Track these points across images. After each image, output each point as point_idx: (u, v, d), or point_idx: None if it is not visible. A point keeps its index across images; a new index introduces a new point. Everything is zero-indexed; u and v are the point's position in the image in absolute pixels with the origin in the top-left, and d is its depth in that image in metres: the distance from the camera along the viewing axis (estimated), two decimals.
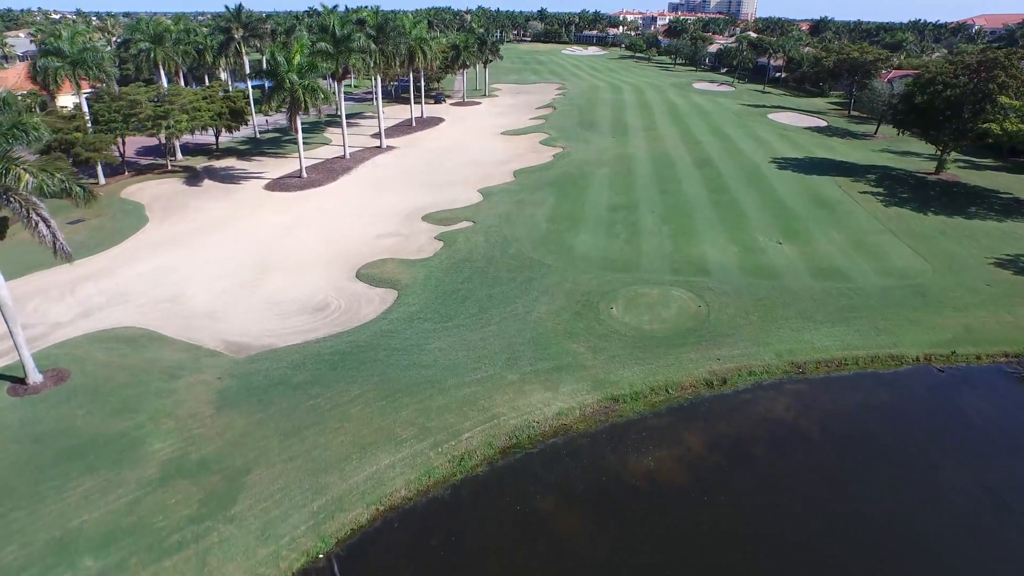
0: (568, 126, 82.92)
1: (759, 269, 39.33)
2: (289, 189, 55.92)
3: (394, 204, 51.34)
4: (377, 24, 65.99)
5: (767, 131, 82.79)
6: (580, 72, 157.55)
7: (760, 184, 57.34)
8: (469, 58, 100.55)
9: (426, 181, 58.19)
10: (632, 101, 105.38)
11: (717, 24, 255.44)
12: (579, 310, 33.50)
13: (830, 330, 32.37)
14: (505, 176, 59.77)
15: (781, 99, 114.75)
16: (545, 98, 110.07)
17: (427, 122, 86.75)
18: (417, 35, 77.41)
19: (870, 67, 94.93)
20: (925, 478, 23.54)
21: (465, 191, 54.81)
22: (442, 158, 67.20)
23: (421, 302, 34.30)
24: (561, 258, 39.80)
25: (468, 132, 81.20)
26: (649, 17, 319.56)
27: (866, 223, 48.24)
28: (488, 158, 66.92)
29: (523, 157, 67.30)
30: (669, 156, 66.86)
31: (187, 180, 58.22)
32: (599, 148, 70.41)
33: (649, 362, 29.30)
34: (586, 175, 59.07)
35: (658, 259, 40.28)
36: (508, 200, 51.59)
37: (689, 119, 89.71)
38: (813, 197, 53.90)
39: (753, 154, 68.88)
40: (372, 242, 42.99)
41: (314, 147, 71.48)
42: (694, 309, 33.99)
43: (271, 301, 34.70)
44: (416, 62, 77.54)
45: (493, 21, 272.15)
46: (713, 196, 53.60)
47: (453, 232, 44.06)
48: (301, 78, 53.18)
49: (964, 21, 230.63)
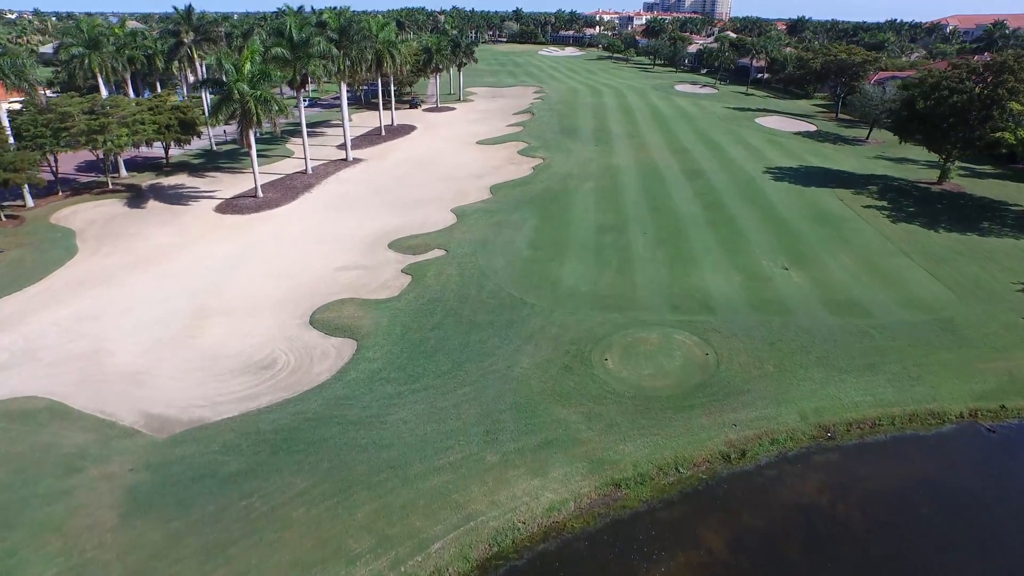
0: (548, 134, 78.27)
1: (768, 303, 34.97)
2: (242, 211, 50.43)
3: (358, 228, 46.16)
4: (340, 27, 60.66)
5: (756, 137, 79.01)
6: (558, 74, 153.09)
7: (757, 198, 53.22)
8: (442, 62, 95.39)
9: (394, 200, 53.06)
10: (613, 105, 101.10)
11: (694, 24, 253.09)
12: (568, 362, 28.78)
13: (857, 381, 28.08)
14: (481, 192, 54.87)
15: (766, 101, 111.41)
16: (523, 102, 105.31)
17: (398, 131, 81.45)
18: (385, 38, 72.18)
19: (858, 69, 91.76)
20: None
21: (437, 211, 49.80)
22: (413, 172, 62.09)
23: (384, 356, 29.27)
24: (545, 295, 35.03)
25: (441, 141, 76.11)
26: (626, 17, 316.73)
27: (876, 243, 44.31)
28: (462, 171, 61.96)
29: (500, 170, 62.45)
30: (657, 167, 62.52)
31: (129, 201, 52.38)
32: (582, 158, 65.84)
33: (654, 431, 24.69)
34: (569, 190, 54.41)
35: (655, 292, 35.72)
36: (485, 222, 46.70)
37: (674, 124, 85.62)
38: (815, 213, 49.89)
39: (745, 163, 64.88)
40: (331, 277, 37.81)
41: (274, 160, 65.90)
42: (701, 358, 29.47)
43: (208, 357, 29.41)
44: (384, 67, 72.28)
45: (468, 22, 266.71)
46: (708, 213, 49.30)
47: (423, 263, 39.05)
48: (252, 88, 47.78)
49: (938, 21, 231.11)
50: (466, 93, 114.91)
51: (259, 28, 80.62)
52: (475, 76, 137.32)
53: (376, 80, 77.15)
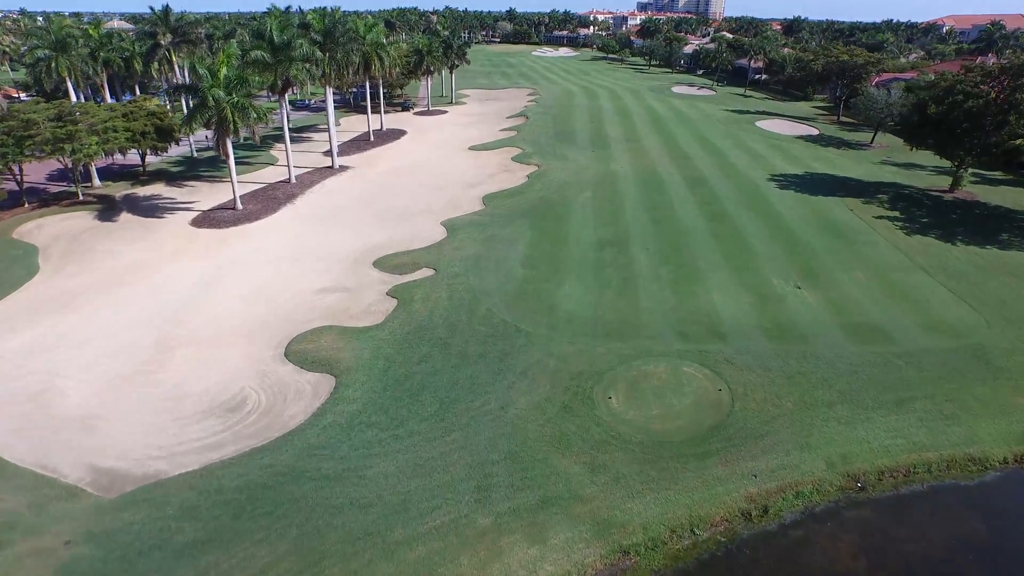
0: (542, 139, 75.55)
1: (782, 328, 32.35)
2: (220, 224, 47.50)
3: (342, 244, 43.34)
4: (325, 28, 57.75)
5: (758, 141, 76.53)
6: (552, 75, 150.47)
7: (763, 209, 50.65)
8: (433, 64, 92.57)
9: (382, 211, 50.23)
10: (610, 108, 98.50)
11: (689, 24, 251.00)
12: (568, 401, 26.07)
13: (886, 420, 25.47)
14: (473, 203, 52.10)
15: (765, 103, 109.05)
16: (516, 105, 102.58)
17: (387, 136, 78.56)
18: (373, 40, 69.29)
19: (860, 71, 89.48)
20: None
21: (427, 224, 47.02)
22: (402, 180, 59.26)
23: (364, 395, 26.47)
24: (542, 321, 32.30)
25: (432, 147, 73.29)
26: (620, 17, 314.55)
27: (891, 257, 41.78)
28: (454, 179, 59.17)
29: (493, 178, 59.70)
30: (657, 174, 59.90)
31: (100, 214, 49.37)
32: (578, 165, 63.14)
33: (665, 485, 22.01)
34: (566, 201, 51.69)
35: (660, 317, 33.04)
36: (476, 236, 43.94)
37: (673, 128, 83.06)
38: (825, 224, 47.36)
39: (748, 170, 62.35)
40: (310, 300, 34.97)
41: (257, 168, 62.94)
42: (713, 395, 26.81)
43: (171, 396, 26.55)
44: (372, 70, 69.38)
45: (461, 22, 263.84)
46: (713, 225, 46.69)
47: (410, 285, 36.23)
48: (229, 94, 44.88)
49: (934, 21, 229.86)
50: (458, 96, 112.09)
51: (242, 29, 77.58)
52: (468, 78, 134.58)
53: (364, 83, 74.23)
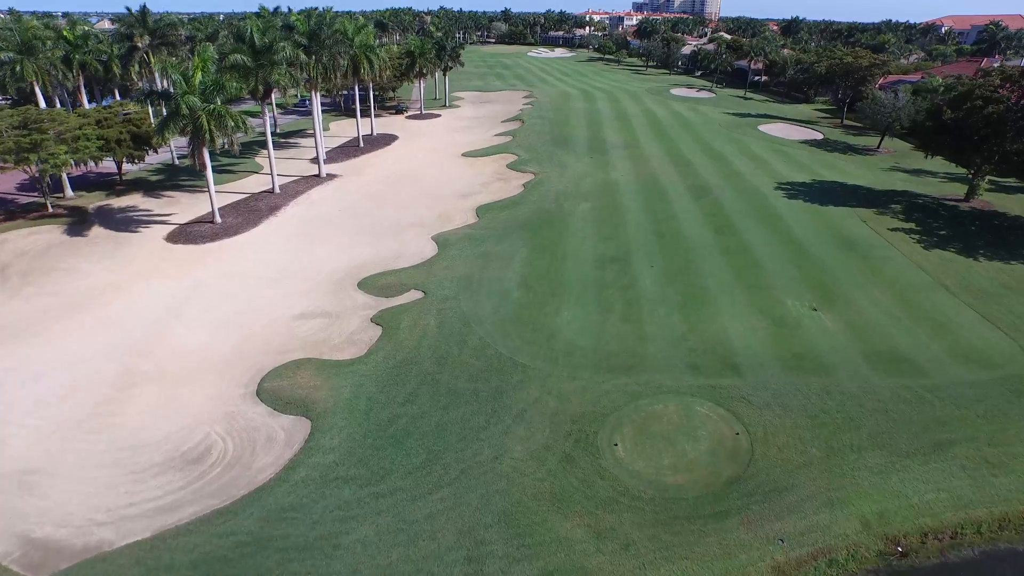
0: (539, 144, 72.84)
1: (801, 358, 29.72)
2: (196, 240, 44.63)
3: (325, 262, 40.54)
4: (310, 31, 54.89)
5: (761, 147, 74.01)
6: (548, 77, 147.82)
7: (771, 221, 48.05)
8: (425, 66, 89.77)
9: (369, 224, 47.45)
10: (608, 111, 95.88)
11: (686, 24, 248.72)
12: (570, 450, 23.36)
13: (924, 469, 22.82)
14: (466, 215, 49.37)
15: (766, 106, 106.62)
16: (512, 108, 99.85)
17: (377, 141, 75.74)
18: (362, 42, 66.47)
19: (864, 73, 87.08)
20: None
21: (416, 239, 44.26)
22: (391, 190, 56.46)
23: (343, 443, 23.71)
24: (540, 352, 29.57)
25: (424, 153, 70.50)
26: (616, 17, 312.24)
27: (910, 274, 39.22)
28: (446, 189, 56.41)
29: (488, 187, 56.96)
30: (659, 183, 57.25)
31: (70, 228, 46.45)
32: (576, 173, 60.45)
33: (682, 553, 19.32)
34: (564, 212, 48.98)
35: (669, 346, 30.37)
36: (469, 253, 41.19)
37: (673, 133, 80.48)
38: (838, 238, 44.78)
39: (754, 178, 59.76)
40: (289, 328, 32.17)
41: (240, 177, 60.03)
42: (731, 440, 24.14)
43: (126, 445, 23.74)
44: (361, 73, 66.59)
45: (455, 22, 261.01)
46: (720, 239, 44.05)
47: (396, 311, 33.45)
48: (205, 101, 42.03)
49: (932, 22, 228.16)
50: (452, 98, 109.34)
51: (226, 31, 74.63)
52: (462, 79, 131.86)
53: (354, 86, 71.39)
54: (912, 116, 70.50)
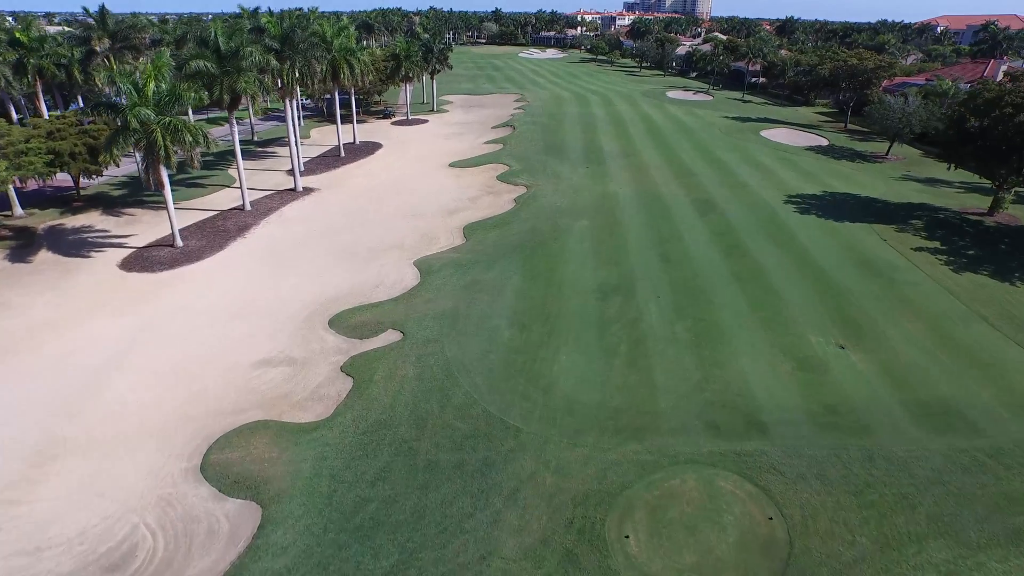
0: (531, 152, 68.83)
1: (834, 412, 25.84)
2: (154, 267, 40.30)
3: (295, 293, 36.33)
4: (282, 34, 50.58)
5: (766, 154, 70.30)
6: (540, 79, 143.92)
7: (785, 240, 44.23)
8: (411, 70, 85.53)
9: (346, 247, 43.25)
10: (603, 116, 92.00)
11: (679, 24, 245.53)
12: (572, 544, 19.34)
13: (1004, 567, 18.91)
14: (452, 235, 45.25)
15: (765, 110, 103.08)
16: (502, 113, 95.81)
17: (360, 150, 71.47)
18: (341, 45, 62.33)
19: (870, 76, 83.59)
20: None
21: (396, 265, 40.13)
22: (372, 206, 52.26)
23: (298, 540, 19.55)
24: (535, 409, 25.51)
25: (409, 163, 66.30)
26: (608, 17, 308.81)
27: (942, 302, 35.48)
28: (431, 204, 52.25)
29: (476, 202, 52.85)
30: (661, 197, 53.32)
31: (12, 253, 42.06)
32: (572, 186, 56.43)
33: None
34: (560, 232, 44.94)
35: (683, 399, 26.40)
36: (455, 282, 37.07)
37: (673, 139, 76.65)
38: (858, 259, 41.01)
39: (761, 190, 55.97)
40: (246, 379, 27.97)
41: (210, 192, 55.71)
42: (763, 527, 20.18)
43: (27, 548, 19.47)
44: (341, 79, 62.41)
45: (445, 23, 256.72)
46: (731, 263, 40.15)
47: (371, 356, 29.30)
48: (160, 113, 37.75)
49: (928, 21, 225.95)
50: (441, 102, 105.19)
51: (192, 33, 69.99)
52: (452, 82, 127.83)
53: (334, 92, 67.10)
54: (923, 121, 67.13)
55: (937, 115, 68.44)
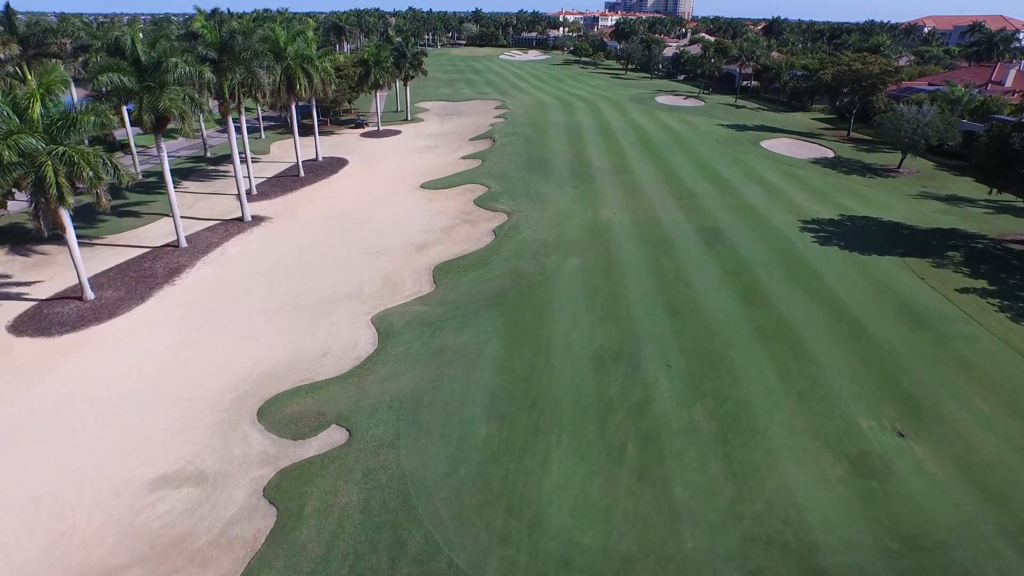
0: (512, 170, 62.13)
1: (914, 546, 19.46)
2: (52, 329, 33.02)
3: (220, 366, 29.29)
4: (220, 41, 43.32)
5: (769, 168, 64.26)
6: (522, 83, 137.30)
7: (807, 280, 37.97)
8: (382, 77, 78.35)
9: (292, 297, 36.21)
10: (590, 125, 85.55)
11: (664, 24, 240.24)
12: None
13: None
14: (420, 279, 38.39)
15: (761, 116, 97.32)
16: (481, 122, 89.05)
17: (322, 168, 64.31)
18: (298, 52, 55.20)
19: (875, 81, 77.98)
20: None
21: (350, 323, 33.19)
22: (329, 240, 45.23)
23: None
24: (519, 560, 18.76)
25: (376, 184, 59.29)
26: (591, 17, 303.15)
27: (1011, 366, 29.35)
28: (397, 237, 45.33)
29: (450, 233, 46.03)
30: (660, 224, 46.89)
31: None
32: (559, 212, 49.80)
33: None
34: (547, 275, 38.23)
35: (714, 535, 19.83)
36: (419, 349, 30.22)
37: (667, 152, 70.40)
38: (897, 305, 34.83)
39: (771, 213, 49.78)
40: (133, 512, 20.93)
41: (146, 222, 48.36)
42: None
43: None
44: (297, 89, 55.26)
45: (424, 24, 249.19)
46: (751, 314, 33.74)
47: (304, 470, 22.34)
48: (52, 143, 30.54)
49: (914, 22, 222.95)
50: (416, 110, 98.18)
51: None
52: (428, 87, 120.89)
53: (291, 104, 59.88)
54: (940, 132, 61.48)
55: (955, 125, 62.94)
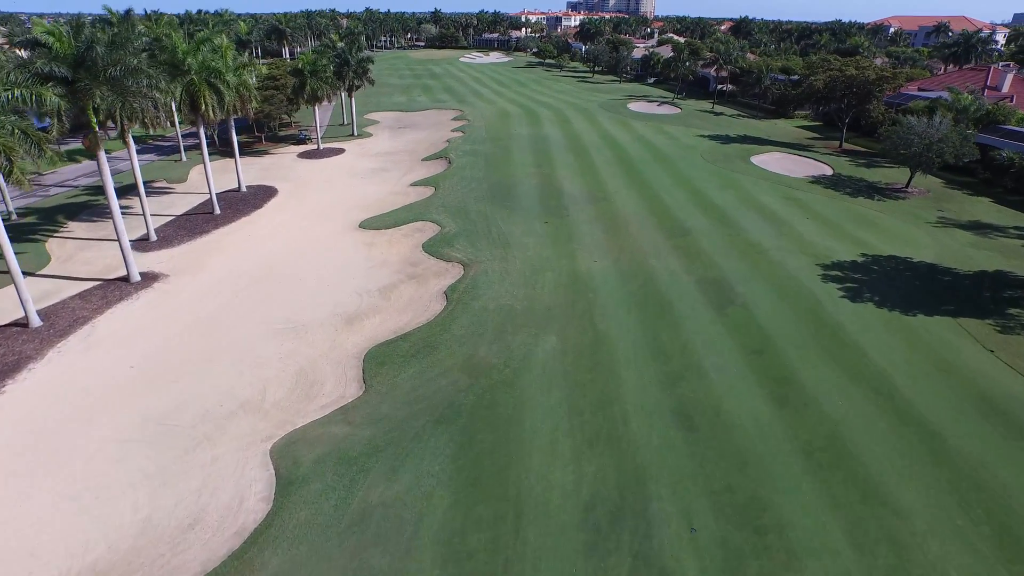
0: (470, 200, 52.67)
1: None
2: None
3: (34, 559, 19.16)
4: (75, 54, 32.69)
5: (767, 192, 56.18)
6: (483, 88, 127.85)
7: (848, 357, 29.50)
8: (320, 88, 68.00)
9: (165, 411, 26.12)
10: (558, 139, 76.60)
11: (628, 24, 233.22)
12: None
13: None
14: (344, 377, 28.62)
15: (743, 125, 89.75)
16: (437, 137, 79.38)
17: (244, 202, 53.82)
18: (203, 65, 44.84)
19: (871, 88, 70.80)
20: None
21: (238, 461, 23.30)
22: (235, 309, 35.11)
23: None
24: None
25: (306, 223, 49.17)
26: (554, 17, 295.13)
27: None
28: (322, 305, 35.44)
29: (390, 297, 36.34)
30: (654, 277, 37.97)
31: None
32: (528, 261, 40.50)
33: None
34: (514, 369, 28.80)
35: None
36: (330, 517, 20.50)
37: (649, 173, 61.84)
38: (974, 396, 26.55)
39: (783, 256, 41.39)
40: None
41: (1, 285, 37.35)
42: None
43: None
44: (204, 110, 44.88)
45: (380, 25, 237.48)
46: (788, 420, 24.97)
47: None
48: None
49: (880, 22, 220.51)
50: (364, 123, 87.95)
51: None
52: (382, 95, 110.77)
53: (200, 124, 49.34)
54: (956, 148, 54.16)
55: (971, 139, 55.73)
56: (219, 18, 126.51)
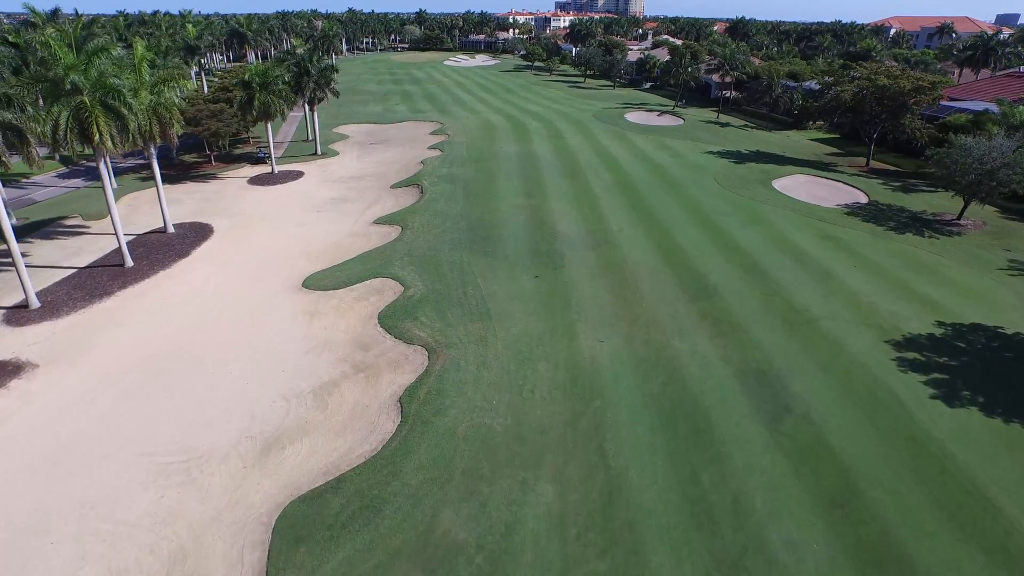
0: (443, 247, 43.25)
1: None
2: None
3: None
4: None
5: (799, 229, 47.25)
6: (467, 95, 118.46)
7: (972, 515, 20.37)
8: (273, 103, 58.29)
9: None
10: (550, 159, 67.40)
11: (620, 25, 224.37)
12: None
13: None
14: (240, 569, 19.11)
15: (753, 138, 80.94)
16: (412, 156, 69.95)
17: (169, 247, 44.04)
18: (99, 82, 35.26)
19: (905, 99, 62.10)
20: None
21: None
22: (110, 425, 25.48)
23: None
24: None
25: (237, 280, 39.46)
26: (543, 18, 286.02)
27: None
28: (232, 418, 25.92)
29: (326, 406, 26.82)
30: (681, 370, 28.71)
31: None
32: (512, 343, 31.15)
33: None
34: (493, 552, 19.52)
35: None
36: None
37: (657, 203, 52.75)
38: None
39: (839, 328, 32.30)
40: None
41: None
42: None
43: None
44: (97, 140, 35.24)
45: (362, 27, 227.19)
46: None
47: None
48: None
49: (880, 23, 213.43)
50: (332, 138, 78.36)
51: None
52: (356, 103, 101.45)
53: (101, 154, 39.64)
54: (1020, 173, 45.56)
55: None
56: (180, 19, 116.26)
